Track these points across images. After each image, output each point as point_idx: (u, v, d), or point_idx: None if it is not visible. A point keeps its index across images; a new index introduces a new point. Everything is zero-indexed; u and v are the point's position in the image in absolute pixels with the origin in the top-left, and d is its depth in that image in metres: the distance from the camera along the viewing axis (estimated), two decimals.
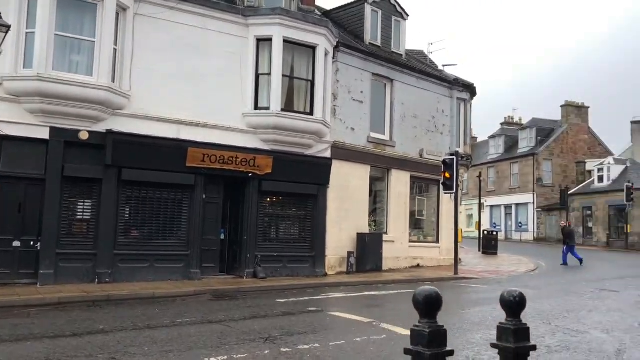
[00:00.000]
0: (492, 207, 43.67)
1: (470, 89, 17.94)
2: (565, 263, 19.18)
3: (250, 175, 11.89)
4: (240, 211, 12.15)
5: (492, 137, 46.70)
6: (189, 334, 5.94)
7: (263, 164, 11.96)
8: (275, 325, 6.58)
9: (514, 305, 2.34)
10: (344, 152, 14.00)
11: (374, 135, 15.04)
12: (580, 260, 19.35)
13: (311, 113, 12.72)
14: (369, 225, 14.87)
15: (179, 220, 11.16)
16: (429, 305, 2.16)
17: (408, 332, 2.76)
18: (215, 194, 11.77)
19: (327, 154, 13.57)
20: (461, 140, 17.69)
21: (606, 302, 9.85)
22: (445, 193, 14.77)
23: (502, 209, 44.30)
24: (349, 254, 13.75)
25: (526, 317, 7.21)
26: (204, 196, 11.48)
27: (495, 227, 43.91)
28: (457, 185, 14.20)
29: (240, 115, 11.92)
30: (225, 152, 11.37)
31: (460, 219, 16.17)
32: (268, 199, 12.50)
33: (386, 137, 15.55)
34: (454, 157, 14.10)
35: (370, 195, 14.93)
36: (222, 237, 12.02)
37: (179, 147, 10.83)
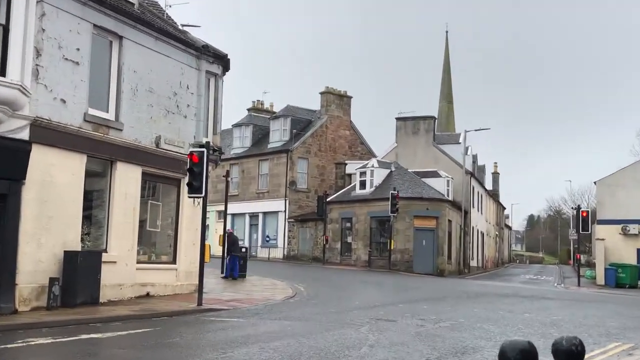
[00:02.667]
0: (234, 215, 46.86)
1: (223, 61, 19.28)
2: (227, 276, 24.18)
3: None
4: None
5: (238, 125, 50.72)
6: None
7: None
8: None
9: (576, 356, 2.72)
10: (49, 134, 13.80)
11: (93, 112, 15.18)
12: (236, 276, 24.30)
13: (2, 72, 12.36)
14: (82, 239, 15.00)
15: None
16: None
17: None
18: None
19: (24, 135, 13.29)
20: (210, 127, 18.99)
21: (386, 334, 11.49)
22: (190, 197, 15.77)
23: (247, 218, 48.54)
24: (52, 281, 13.63)
25: (301, 357, 8.88)
26: None
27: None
28: (207, 187, 15.35)
29: None
30: None
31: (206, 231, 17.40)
32: None
33: (111, 116, 15.81)
34: (204, 149, 15.29)
35: (85, 197, 15.03)
36: None
37: None
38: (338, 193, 44.73)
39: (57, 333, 10.74)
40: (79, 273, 14.03)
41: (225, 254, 26.00)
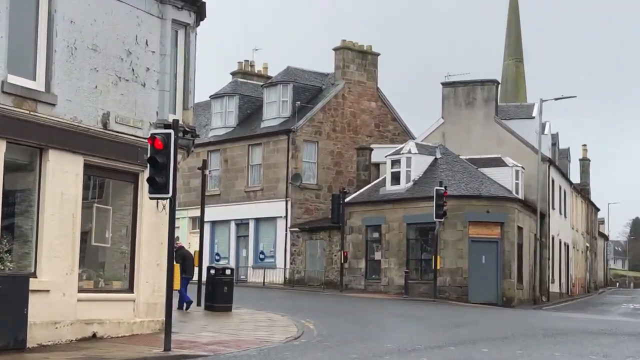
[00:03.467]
0: (214, 223, 47.99)
1: (196, 5, 19.01)
2: (181, 307, 24.70)
3: None
4: None
5: (218, 96, 50.73)
6: None
7: None
8: None
9: None
10: None
11: (14, 80, 15.11)
12: (188, 304, 25.25)
13: None
14: (1, 260, 15.01)
15: None
16: None
17: None
18: None
19: None
20: (179, 99, 18.88)
21: None
22: (152, 198, 15.77)
23: (232, 227, 49.34)
24: None
25: None
26: None
27: (218, 258, 48.05)
28: (175, 185, 15.38)
29: None
30: None
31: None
32: None
33: (39, 85, 15.76)
34: (171, 130, 15.22)
35: (4, 200, 15.06)
36: None
37: None
38: (361, 191, 44.85)
39: None
40: None
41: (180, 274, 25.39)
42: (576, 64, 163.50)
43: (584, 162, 70.67)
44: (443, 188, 38.21)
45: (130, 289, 18.25)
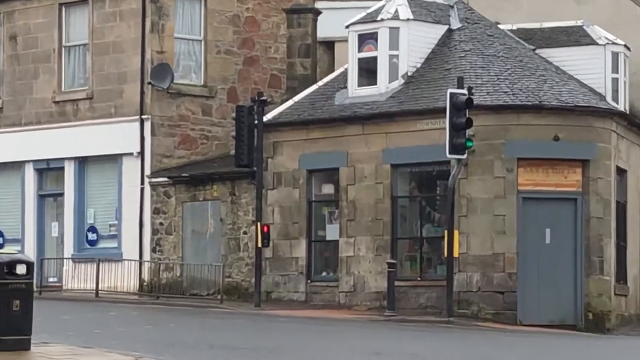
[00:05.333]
0: None
1: None
2: None
3: None
4: None
5: None
6: None
7: None
8: None
9: None
10: None
11: None
12: None
13: None
14: None
15: None
16: None
17: None
18: None
19: None
20: None
21: None
22: None
23: (28, 176, 52.07)
24: None
25: None
26: None
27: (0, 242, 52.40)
28: None
29: None
30: None
31: None
32: None
33: None
34: None
35: None
36: None
37: None
38: (297, 98, 46.53)
39: None
40: None
41: None
42: None
43: None
44: (465, 91, 38.35)
45: None
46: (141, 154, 48.26)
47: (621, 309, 43.34)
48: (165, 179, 48.22)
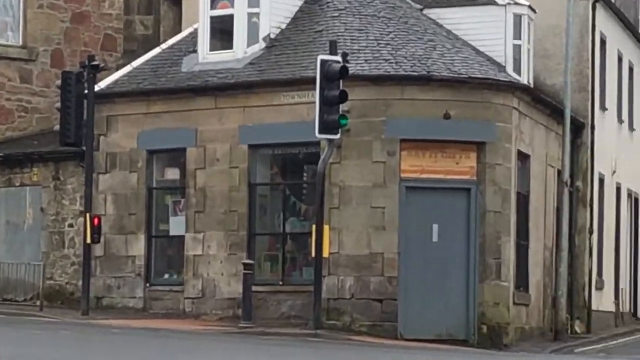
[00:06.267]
0: None
1: None
2: None
3: None
4: None
5: None
6: None
7: None
8: None
9: None
10: None
11: None
12: None
13: None
14: None
15: None
16: None
17: None
18: None
19: None
20: None
21: None
22: None
23: None
24: None
25: None
26: None
27: None
28: None
29: None
30: None
31: None
32: None
33: None
34: None
35: None
36: None
37: None
38: (136, 64, 44.78)
39: None
40: None
41: None
42: None
43: None
44: (339, 58, 36.08)
45: None
46: None
47: (521, 321, 41.60)
48: None
